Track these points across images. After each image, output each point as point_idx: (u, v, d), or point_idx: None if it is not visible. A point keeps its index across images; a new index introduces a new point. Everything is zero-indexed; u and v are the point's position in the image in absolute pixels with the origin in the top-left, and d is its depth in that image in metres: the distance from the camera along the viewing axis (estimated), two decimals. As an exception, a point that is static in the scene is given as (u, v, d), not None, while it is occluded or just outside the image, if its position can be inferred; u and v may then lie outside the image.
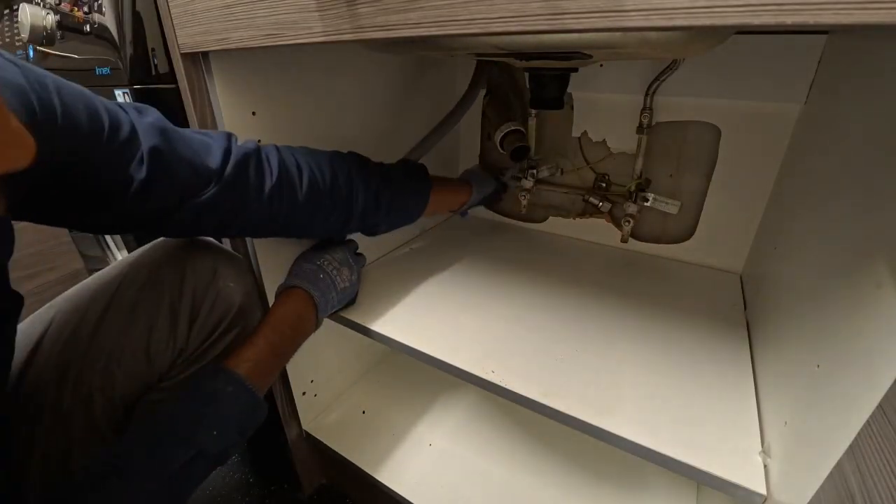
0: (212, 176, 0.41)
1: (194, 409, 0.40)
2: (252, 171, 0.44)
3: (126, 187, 0.35)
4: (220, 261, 0.52)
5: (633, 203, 0.76)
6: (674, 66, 0.65)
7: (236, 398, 0.42)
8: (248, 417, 0.43)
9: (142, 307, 0.47)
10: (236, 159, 0.42)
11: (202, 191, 0.40)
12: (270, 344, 0.47)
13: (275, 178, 0.45)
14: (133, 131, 0.36)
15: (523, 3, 0.27)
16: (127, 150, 0.35)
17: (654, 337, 0.58)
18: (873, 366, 0.26)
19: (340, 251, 0.60)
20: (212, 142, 0.42)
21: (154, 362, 0.48)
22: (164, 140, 0.37)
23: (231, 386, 0.42)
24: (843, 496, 0.26)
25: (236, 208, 0.43)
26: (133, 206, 0.37)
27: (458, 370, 0.53)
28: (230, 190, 0.42)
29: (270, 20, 0.39)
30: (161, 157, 0.37)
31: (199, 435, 0.39)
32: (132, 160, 0.36)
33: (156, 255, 0.50)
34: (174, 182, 0.38)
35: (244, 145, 0.44)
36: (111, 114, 0.35)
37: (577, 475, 0.68)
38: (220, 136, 0.44)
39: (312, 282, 0.54)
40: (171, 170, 0.38)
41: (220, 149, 0.42)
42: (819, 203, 0.46)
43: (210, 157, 0.41)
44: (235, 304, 0.52)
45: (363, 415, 0.79)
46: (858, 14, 0.19)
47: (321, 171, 0.49)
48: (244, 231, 0.49)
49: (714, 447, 0.42)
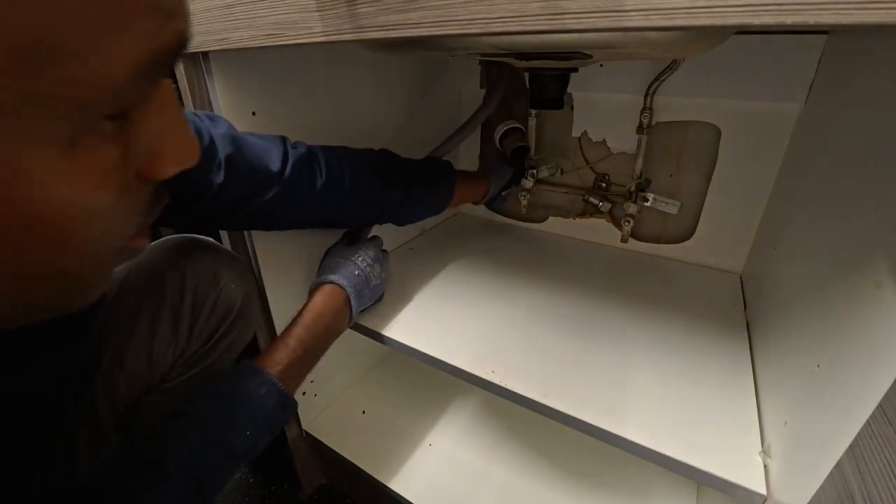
0: (274, 178, 0.45)
1: (228, 411, 0.41)
2: (306, 173, 0.47)
3: (206, 190, 0.40)
4: (221, 262, 0.52)
5: (633, 203, 0.76)
6: (674, 66, 0.64)
7: (269, 399, 0.42)
8: (278, 417, 0.43)
9: (143, 309, 0.47)
10: (293, 162, 0.46)
11: (265, 191, 0.44)
12: (303, 345, 0.47)
13: (324, 177, 0.48)
14: (211, 141, 0.40)
15: (523, 3, 0.27)
16: (207, 158, 0.39)
17: (654, 337, 0.58)
18: (873, 366, 0.27)
19: (373, 247, 0.60)
20: (272, 146, 0.46)
21: (156, 364, 0.48)
22: (236, 148, 0.42)
23: (264, 387, 0.42)
24: (843, 496, 0.26)
25: (292, 206, 0.47)
26: (208, 206, 0.41)
27: (459, 370, 0.53)
28: (288, 190, 0.46)
29: (270, 20, 0.39)
30: (234, 164, 0.41)
31: (233, 436, 0.39)
32: (211, 167, 0.40)
33: (156, 257, 0.50)
34: (244, 185, 0.43)
35: (298, 148, 0.48)
36: (195, 124, 0.39)
37: (577, 475, 0.68)
38: (277, 141, 0.47)
39: (348, 278, 0.54)
40: (243, 175, 0.42)
41: (279, 153, 0.45)
42: (819, 203, 0.46)
43: (272, 162, 0.45)
44: (236, 304, 0.52)
45: (363, 415, 0.79)
46: (858, 14, 0.19)
47: (361, 170, 0.53)
48: (292, 225, 0.52)
49: (714, 447, 0.42)
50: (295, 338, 0.47)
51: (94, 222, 0.19)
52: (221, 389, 0.42)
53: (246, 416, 0.41)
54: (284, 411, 0.44)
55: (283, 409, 0.44)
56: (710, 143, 0.69)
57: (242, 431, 0.40)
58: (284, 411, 0.44)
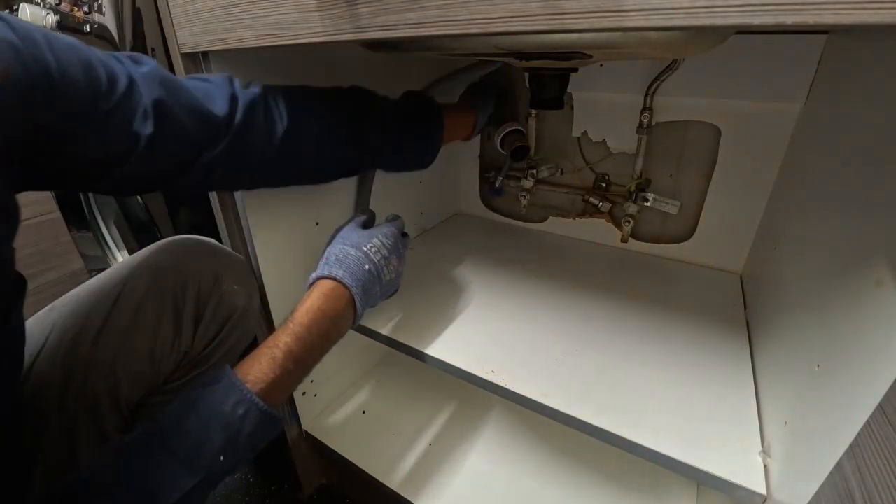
0: (220, 125, 0.38)
1: (202, 435, 0.35)
2: (261, 117, 0.41)
3: (132, 146, 0.33)
4: (223, 263, 0.52)
5: (633, 203, 0.76)
6: (674, 66, 0.65)
7: (248, 420, 0.37)
8: (260, 436, 0.38)
9: (146, 311, 0.47)
10: (244, 106, 0.39)
11: (212, 144, 0.38)
12: (293, 357, 0.40)
13: (286, 122, 0.42)
14: (132, 84, 0.33)
15: (523, 3, 0.27)
16: (127, 105, 0.32)
17: (654, 337, 0.58)
18: (873, 365, 0.27)
19: (391, 235, 0.51)
20: (214, 88, 0.39)
21: (158, 366, 0.47)
22: (166, 91, 0.34)
23: (242, 408, 0.37)
24: (843, 496, 0.26)
25: (248, 158, 0.41)
26: (140, 165, 0.34)
27: (458, 370, 0.53)
28: (241, 139, 0.39)
29: (270, 20, 0.39)
30: (166, 111, 0.34)
31: (207, 461, 0.35)
32: (134, 116, 0.33)
33: (158, 258, 0.49)
34: (183, 136, 0.36)
35: (250, 90, 0.41)
36: (106, 66, 0.32)
37: (577, 474, 0.68)
38: (222, 81, 0.40)
39: (355, 274, 0.45)
40: (179, 123, 0.35)
41: (224, 96, 0.39)
42: (819, 203, 0.46)
43: (215, 105, 0.38)
44: (239, 306, 0.52)
45: (363, 415, 0.79)
46: (858, 14, 0.19)
47: (331, 112, 0.46)
48: (256, 182, 0.46)
49: (714, 447, 0.42)
50: (284, 349, 0.40)
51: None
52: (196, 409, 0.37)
53: (221, 441, 0.36)
54: (267, 431, 0.39)
55: (266, 428, 0.39)
56: (710, 143, 0.69)
57: (216, 457, 0.35)
58: (267, 431, 0.39)
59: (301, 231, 0.64)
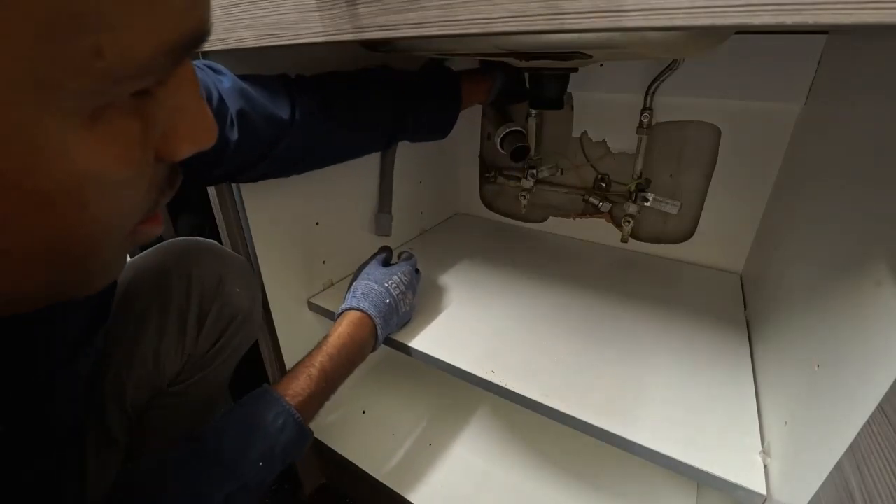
0: (285, 126, 0.44)
1: (243, 442, 0.38)
2: (316, 114, 0.47)
3: (223, 151, 0.39)
4: (226, 265, 0.52)
5: (633, 203, 0.76)
6: (674, 66, 0.64)
7: (286, 431, 0.40)
8: (293, 449, 0.41)
9: (150, 314, 0.47)
10: (302, 105, 0.45)
11: (279, 141, 0.44)
12: (326, 376, 0.45)
13: (334, 115, 0.48)
14: (221, 99, 0.39)
15: (523, 3, 0.27)
16: (219, 117, 0.38)
17: (653, 337, 0.58)
18: (873, 365, 0.26)
19: (408, 273, 0.57)
20: (277, 91, 0.45)
21: (163, 368, 0.48)
22: (245, 101, 0.41)
23: (281, 419, 0.40)
24: (843, 496, 0.26)
25: (305, 150, 0.48)
26: (230, 164, 0.41)
27: (458, 370, 0.53)
28: (300, 135, 0.46)
29: (270, 20, 0.39)
30: (247, 119, 0.41)
31: (246, 468, 0.37)
32: (224, 125, 0.39)
33: (160, 261, 0.50)
34: (258, 138, 0.42)
35: (302, 86, 0.47)
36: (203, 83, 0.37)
37: (577, 474, 0.68)
38: (280, 84, 0.46)
39: (378, 307, 0.52)
40: (256, 128, 0.42)
41: (286, 98, 0.45)
42: (819, 203, 0.46)
43: (281, 109, 0.44)
44: (242, 309, 0.52)
45: (363, 415, 0.79)
46: (858, 14, 0.19)
47: (368, 100, 0.52)
48: (306, 168, 0.53)
49: (714, 447, 0.42)
50: (319, 367, 0.45)
51: (110, 197, 0.18)
52: (239, 420, 0.40)
53: (260, 449, 0.38)
54: (300, 444, 0.42)
55: (299, 441, 0.41)
56: (710, 143, 0.69)
57: (255, 464, 0.38)
58: (300, 444, 0.42)
59: (301, 231, 0.64)
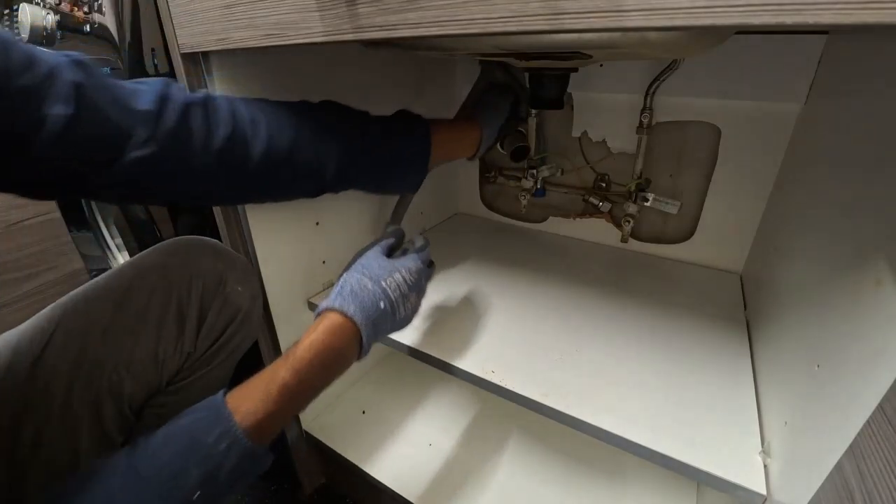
0: (145, 120, 0.35)
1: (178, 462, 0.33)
2: (199, 121, 0.38)
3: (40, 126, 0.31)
4: (227, 264, 0.52)
5: (633, 203, 0.76)
6: (674, 66, 0.65)
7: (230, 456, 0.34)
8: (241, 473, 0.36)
9: (150, 313, 0.47)
10: (179, 106, 0.37)
11: (135, 138, 0.35)
12: (290, 392, 0.38)
13: (229, 129, 0.39)
14: (53, 69, 0.31)
15: (523, 3, 0.27)
16: (45, 88, 0.31)
17: (653, 337, 0.58)
18: (873, 365, 0.26)
19: (416, 270, 0.46)
20: (144, 87, 0.37)
21: (162, 367, 0.48)
22: (87, 76, 0.33)
23: (225, 442, 0.34)
24: (843, 496, 0.26)
25: (181, 164, 0.37)
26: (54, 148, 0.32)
27: (458, 370, 0.53)
28: (171, 141, 0.36)
29: (270, 20, 0.39)
30: (86, 94, 0.32)
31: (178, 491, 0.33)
32: (48, 97, 0.31)
33: (161, 260, 0.50)
34: (103, 125, 0.33)
35: (191, 94, 0.39)
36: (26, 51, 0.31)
37: (577, 474, 0.68)
38: (155, 82, 0.38)
39: (367, 311, 0.41)
40: (99, 109, 0.33)
41: (152, 92, 0.36)
42: (819, 202, 0.46)
43: (139, 101, 0.35)
44: (243, 308, 0.52)
45: (363, 414, 0.79)
46: (858, 14, 0.19)
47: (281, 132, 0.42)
48: (188, 196, 0.42)
49: (714, 447, 0.42)
50: (280, 384, 0.37)
51: None
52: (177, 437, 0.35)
53: (199, 473, 0.33)
54: (252, 468, 0.37)
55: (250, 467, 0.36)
56: (710, 143, 0.69)
57: (193, 490, 0.33)
58: (252, 468, 0.37)
59: (301, 231, 0.64)
